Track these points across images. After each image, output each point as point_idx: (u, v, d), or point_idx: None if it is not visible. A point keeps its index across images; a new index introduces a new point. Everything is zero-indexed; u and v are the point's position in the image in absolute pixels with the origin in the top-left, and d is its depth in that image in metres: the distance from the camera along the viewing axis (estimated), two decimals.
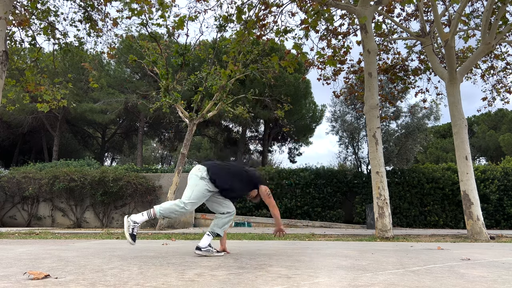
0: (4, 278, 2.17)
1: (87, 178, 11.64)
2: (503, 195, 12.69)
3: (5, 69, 6.95)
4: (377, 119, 7.09)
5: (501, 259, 3.40)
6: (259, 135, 25.88)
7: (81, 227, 11.58)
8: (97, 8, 8.96)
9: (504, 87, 10.91)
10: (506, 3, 7.31)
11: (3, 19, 6.86)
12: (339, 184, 13.31)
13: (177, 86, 9.96)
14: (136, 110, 21.23)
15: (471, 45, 10.78)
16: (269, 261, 3.05)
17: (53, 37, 8.90)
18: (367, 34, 7.22)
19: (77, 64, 18.44)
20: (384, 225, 6.63)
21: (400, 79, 10.72)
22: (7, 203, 12.04)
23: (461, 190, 7.37)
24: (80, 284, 1.98)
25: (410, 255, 3.68)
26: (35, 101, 9.93)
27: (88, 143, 27.89)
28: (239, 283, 2.02)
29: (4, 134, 22.34)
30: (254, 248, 4.26)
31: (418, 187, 12.87)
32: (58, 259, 3.06)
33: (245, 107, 11.36)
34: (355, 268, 2.68)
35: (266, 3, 8.45)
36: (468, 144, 7.54)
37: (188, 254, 3.51)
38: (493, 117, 29.98)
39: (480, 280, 2.23)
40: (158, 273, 2.34)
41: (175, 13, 9.94)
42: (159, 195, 11.97)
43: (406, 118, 13.55)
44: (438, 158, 26.32)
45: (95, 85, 9.45)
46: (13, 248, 4.21)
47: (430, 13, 9.80)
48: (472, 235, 7.00)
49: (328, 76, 10.57)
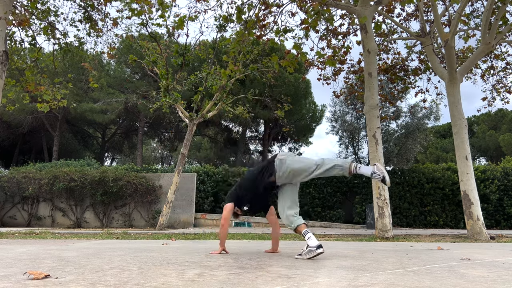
0: (4, 278, 2.17)
1: (87, 178, 11.64)
2: (503, 195, 12.69)
3: (5, 69, 6.95)
4: (377, 119, 7.09)
5: (501, 259, 3.40)
6: (259, 135, 25.89)
7: (81, 227, 11.58)
8: (97, 8, 8.96)
9: (504, 87, 10.92)
10: (506, 3, 7.31)
11: (3, 19, 6.86)
12: (339, 184, 13.31)
13: (177, 86, 9.96)
14: (136, 110, 21.24)
15: (471, 45, 10.78)
16: (269, 261, 3.05)
17: (53, 37, 8.90)
18: (367, 34, 7.22)
19: (77, 64, 18.44)
20: (384, 225, 6.63)
21: (400, 79, 10.72)
22: (7, 203, 12.04)
23: (461, 190, 7.37)
24: (80, 284, 1.98)
25: (410, 255, 3.68)
26: (35, 101, 9.93)
27: (88, 143, 27.90)
28: (239, 283, 2.02)
29: (4, 134, 22.34)
30: (254, 248, 4.26)
31: (418, 187, 12.87)
32: (58, 259, 3.06)
33: (245, 107, 11.37)
34: (355, 268, 2.68)
35: (266, 3, 8.45)
36: (468, 144, 7.54)
37: (188, 254, 3.51)
38: (493, 117, 29.99)
39: (480, 280, 2.23)
40: (158, 273, 2.34)
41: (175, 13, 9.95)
42: (159, 195, 11.97)
43: (406, 118, 13.56)
44: (438, 158, 26.33)
45: (95, 85, 9.46)
46: (13, 248, 4.21)
47: (430, 13, 9.80)
48: (472, 235, 7.00)
49: (328, 76, 10.57)
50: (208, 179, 13.30)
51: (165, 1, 8.17)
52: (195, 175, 12.30)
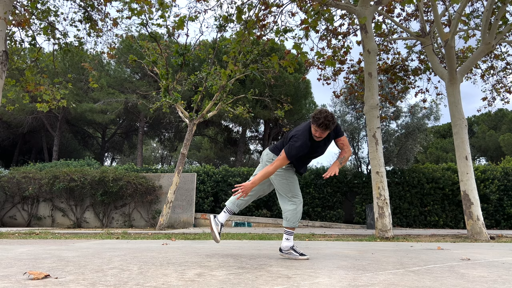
0: (4, 278, 2.17)
1: (87, 178, 11.64)
2: (503, 195, 12.69)
3: (5, 69, 6.95)
4: (377, 119, 7.09)
5: (501, 259, 3.40)
6: (259, 135, 25.89)
7: (81, 227, 11.58)
8: (97, 8, 8.96)
9: (504, 87, 10.92)
10: (506, 3, 7.31)
11: (3, 19, 6.86)
12: (339, 184, 13.31)
13: (177, 86, 9.96)
14: (136, 110, 21.24)
15: (471, 45, 10.78)
16: (269, 261, 3.05)
17: (53, 37, 8.90)
18: (367, 34, 7.22)
19: (77, 64, 18.45)
20: (384, 225, 6.63)
21: (400, 79, 10.72)
22: (7, 203, 12.04)
23: (461, 190, 7.37)
24: (80, 284, 1.98)
25: (410, 255, 3.68)
26: (35, 101, 9.94)
27: (88, 143, 27.90)
28: (239, 283, 2.02)
29: (4, 134, 22.35)
30: (254, 248, 4.26)
31: (418, 187, 12.87)
32: (58, 259, 3.06)
33: (245, 107, 11.37)
34: (355, 268, 2.68)
35: (266, 3, 8.45)
36: (468, 144, 7.54)
37: (188, 254, 3.51)
38: (493, 117, 29.98)
39: (480, 280, 2.23)
40: (158, 273, 2.34)
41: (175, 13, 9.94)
42: (159, 195, 11.97)
43: (406, 118, 13.54)
44: (438, 158, 26.31)
45: (95, 85, 9.46)
46: (13, 248, 4.21)
47: (430, 13, 9.80)
48: (472, 235, 7.00)
49: (328, 76, 10.57)
50: (208, 179, 13.30)
51: (165, 1, 8.17)
52: (195, 175, 12.30)
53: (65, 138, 24.87)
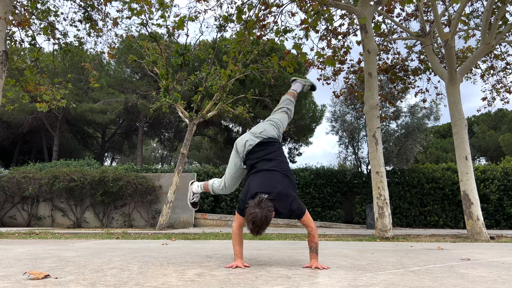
0: (4, 278, 2.17)
1: (87, 178, 11.64)
2: (503, 195, 12.69)
3: (5, 69, 6.95)
4: (377, 119, 7.09)
5: (501, 259, 3.40)
6: None
7: (81, 227, 11.58)
8: (97, 8, 8.95)
9: (504, 87, 10.91)
10: (506, 3, 7.31)
11: (3, 19, 6.86)
12: (339, 184, 13.30)
13: (177, 86, 9.96)
14: (136, 110, 21.23)
15: (471, 45, 10.78)
16: (269, 261, 3.05)
17: (53, 37, 8.90)
18: (367, 34, 7.22)
19: (77, 64, 18.42)
20: (384, 225, 6.63)
21: (400, 79, 10.72)
22: (7, 203, 12.04)
23: (461, 190, 7.37)
24: (80, 284, 1.98)
25: (410, 255, 3.68)
26: (35, 101, 9.93)
27: (88, 143, 27.88)
28: (239, 283, 2.02)
29: (4, 134, 22.34)
30: (254, 248, 4.26)
31: (418, 187, 12.87)
32: (58, 259, 3.06)
33: (245, 107, 11.37)
34: (355, 268, 2.68)
35: (266, 3, 8.44)
36: (468, 144, 7.54)
37: (188, 254, 3.51)
38: (493, 117, 29.96)
39: (480, 280, 2.23)
40: (158, 273, 2.34)
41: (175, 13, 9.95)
42: (159, 195, 11.97)
43: (406, 118, 13.53)
44: (438, 158, 26.30)
45: (96, 84, 9.46)
46: (13, 248, 4.20)
47: (430, 13, 9.79)
48: (472, 235, 7.00)
49: (328, 76, 10.57)
50: (208, 179, 13.30)
51: (165, 1, 8.17)
52: (195, 175, 12.29)
53: (65, 138, 24.86)
